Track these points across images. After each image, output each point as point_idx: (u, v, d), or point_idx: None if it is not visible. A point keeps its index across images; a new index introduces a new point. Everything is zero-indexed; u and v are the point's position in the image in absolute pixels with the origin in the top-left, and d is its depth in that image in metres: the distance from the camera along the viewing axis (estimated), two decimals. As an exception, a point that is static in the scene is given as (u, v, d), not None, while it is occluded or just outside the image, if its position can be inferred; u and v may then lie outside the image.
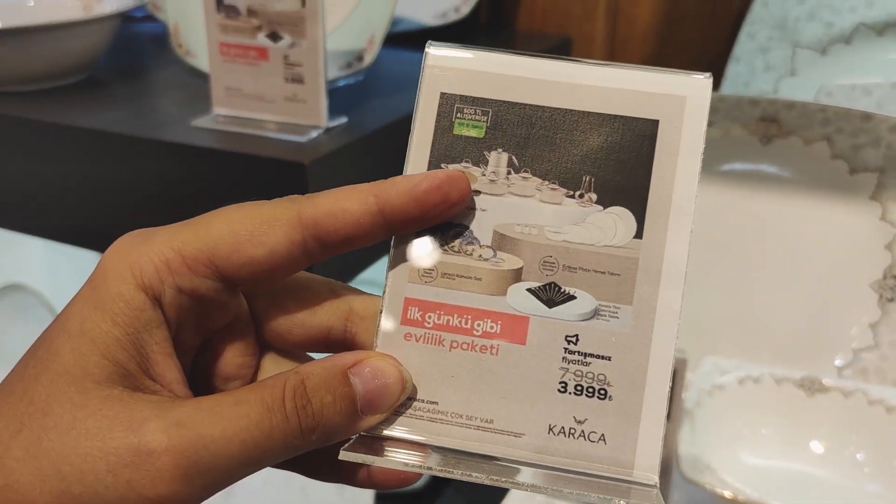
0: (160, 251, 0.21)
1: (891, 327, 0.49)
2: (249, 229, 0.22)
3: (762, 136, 0.52)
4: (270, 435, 0.20)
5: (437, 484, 0.70)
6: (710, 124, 0.23)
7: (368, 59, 0.50)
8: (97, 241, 0.51)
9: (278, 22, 0.45)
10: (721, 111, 0.52)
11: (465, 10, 0.67)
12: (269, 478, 0.63)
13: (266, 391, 0.21)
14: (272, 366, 0.24)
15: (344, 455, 0.21)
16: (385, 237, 0.22)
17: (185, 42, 0.56)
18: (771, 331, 0.51)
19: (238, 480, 0.21)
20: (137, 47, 0.69)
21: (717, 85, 0.65)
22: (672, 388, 0.23)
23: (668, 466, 0.43)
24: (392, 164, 0.25)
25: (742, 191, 0.52)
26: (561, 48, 0.73)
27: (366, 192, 0.22)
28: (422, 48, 0.23)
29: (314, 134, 0.46)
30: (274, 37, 0.46)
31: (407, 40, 0.62)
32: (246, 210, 0.22)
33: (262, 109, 0.47)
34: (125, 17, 0.61)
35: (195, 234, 0.22)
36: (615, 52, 0.73)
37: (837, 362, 0.50)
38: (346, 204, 0.22)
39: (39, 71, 0.55)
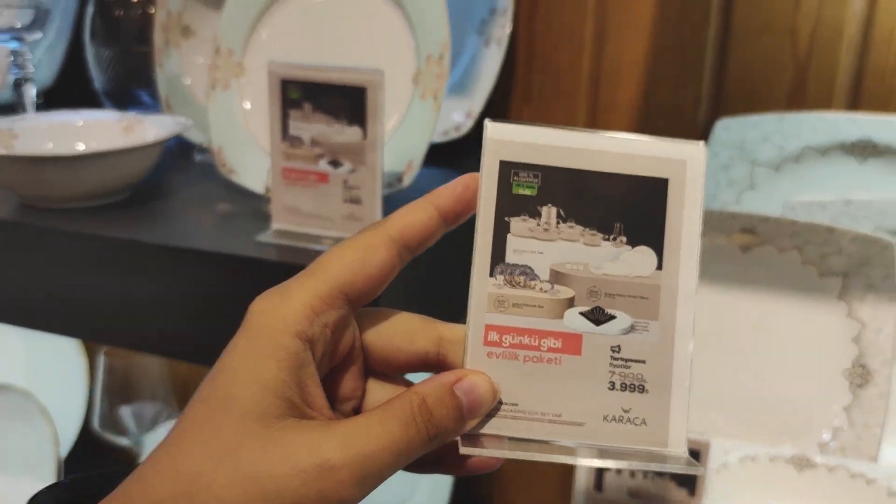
0: (303, 301, 0.27)
1: (862, 410, 0.57)
2: (360, 258, 0.28)
3: (742, 245, 0.61)
4: (409, 444, 0.26)
5: None
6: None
7: (407, 180, 0.57)
8: (161, 347, 0.54)
9: (339, 151, 0.51)
10: (707, 223, 0.61)
11: (465, 128, 0.75)
12: None
13: (400, 411, 0.26)
14: (375, 387, 0.31)
15: (465, 450, 0.27)
16: (444, 232, 0.30)
17: (229, 162, 0.62)
18: (764, 412, 0.58)
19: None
20: (166, 162, 0.74)
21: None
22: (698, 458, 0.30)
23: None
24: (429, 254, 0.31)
25: (730, 291, 0.60)
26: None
27: (426, 203, 0.29)
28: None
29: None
30: (335, 164, 0.52)
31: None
32: (349, 246, 0.29)
33: (319, 226, 0.53)
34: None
35: (322, 278, 0.28)
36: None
37: (823, 438, 0.57)
38: (417, 215, 0.29)
39: (86, 191, 0.58)
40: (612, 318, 0.28)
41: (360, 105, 0.50)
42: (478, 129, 0.84)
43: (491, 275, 0.28)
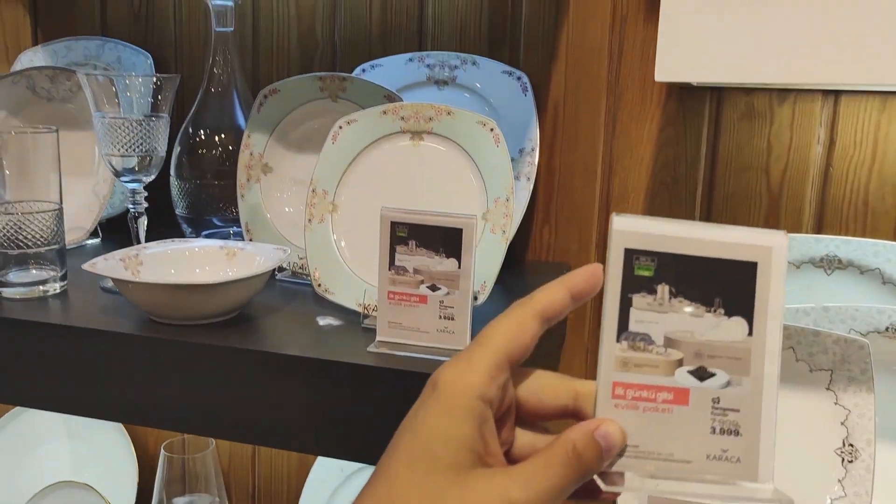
0: (483, 368, 0.35)
1: (853, 481, 0.70)
2: (517, 330, 0.36)
3: (746, 347, 0.75)
4: (569, 481, 0.33)
5: None
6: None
7: (482, 298, 0.70)
8: (286, 443, 0.64)
9: (438, 278, 0.64)
10: (717, 329, 0.75)
11: (501, 249, 0.89)
12: None
13: (561, 455, 0.33)
14: (521, 435, 0.38)
15: (608, 489, 0.34)
16: (572, 309, 0.37)
17: (324, 283, 0.74)
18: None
19: None
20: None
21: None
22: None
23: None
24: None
25: (738, 385, 0.74)
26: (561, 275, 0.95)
27: (560, 285, 0.37)
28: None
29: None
30: (433, 288, 0.64)
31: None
32: (506, 321, 0.36)
33: (417, 339, 0.65)
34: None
35: (492, 348, 0.35)
36: (606, 278, 0.97)
37: (824, 506, 0.70)
38: (555, 296, 0.37)
39: (207, 312, 0.69)
40: (713, 375, 0.34)
41: (457, 242, 0.63)
42: (510, 249, 0.98)
43: (617, 340, 0.35)
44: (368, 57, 1.00)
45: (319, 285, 0.74)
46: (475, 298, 0.70)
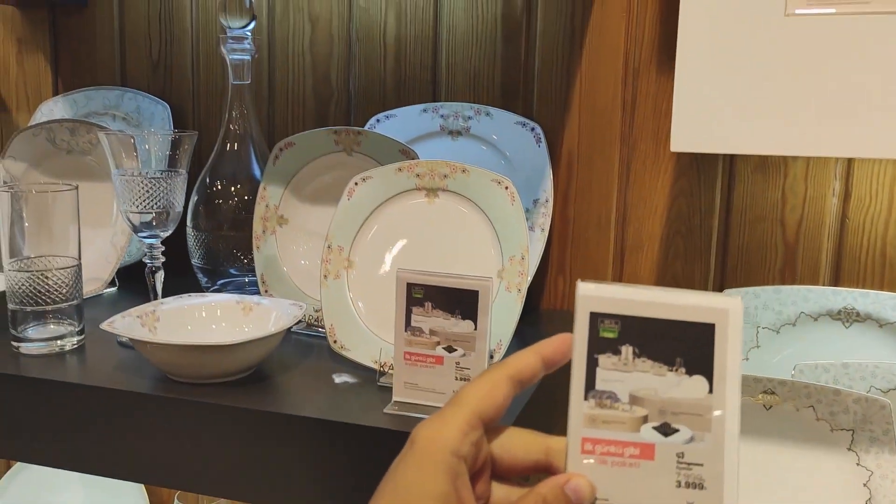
0: (457, 426, 0.37)
1: (875, 540, 0.69)
2: (490, 391, 0.38)
3: (765, 404, 0.74)
4: None
5: None
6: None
7: (498, 356, 0.70)
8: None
9: (454, 339, 0.64)
10: (734, 386, 0.74)
11: (516, 300, 0.89)
12: None
13: None
14: (497, 489, 0.40)
15: None
16: (543, 375, 0.39)
17: (340, 339, 0.74)
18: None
19: None
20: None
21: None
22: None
23: None
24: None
25: (757, 445, 0.73)
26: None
27: (533, 352, 0.39)
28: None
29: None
30: (450, 349, 0.64)
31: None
32: (480, 383, 0.39)
33: (434, 399, 0.65)
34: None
35: (466, 408, 0.37)
36: (621, 327, 0.96)
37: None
38: (528, 360, 0.39)
39: (222, 371, 0.69)
40: (677, 430, 0.36)
41: (473, 304, 0.63)
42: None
43: (585, 398, 0.37)
44: (382, 105, 1.01)
45: (335, 341, 0.74)
46: (491, 357, 0.69)
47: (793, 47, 0.51)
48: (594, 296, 0.37)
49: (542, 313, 0.97)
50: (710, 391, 0.36)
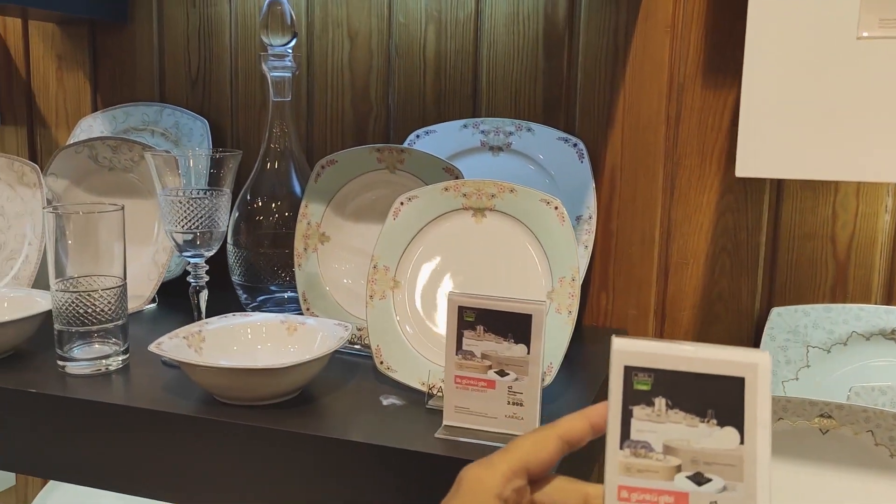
0: (502, 471, 0.41)
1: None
2: (538, 447, 0.42)
3: (821, 428, 0.72)
4: None
5: None
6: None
7: (548, 379, 0.68)
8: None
9: (506, 363, 0.63)
10: (789, 409, 0.73)
11: (559, 318, 0.88)
12: None
13: None
14: None
15: None
16: (592, 438, 0.43)
17: (386, 360, 0.73)
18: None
19: None
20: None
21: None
22: None
23: None
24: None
25: (812, 470, 0.71)
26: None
27: (583, 416, 0.43)
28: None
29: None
30: (501, 373, 0.63)
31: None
32: (530, 437, 0.43)
33: (485, 424, 0.64)
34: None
35: (514, 457, 0.41)
36: (665, 345, 0.95)
37: None
38: (577, 424, 0.43)
39: (269, 393, 0.69)
40: (710, 480, 0.38)
41: (526, 328, 0.62)
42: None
43: (621, 448, 0.39)
44: (422, 121, 1.00)
45: (381, 362, 0.73)
46: (542, 380, 0.68)
47: (865, 71, 0.50)
48: (628, 350, 0.39)
49: (584, 330, 0.96)
50: (742, 442, 0.38)
